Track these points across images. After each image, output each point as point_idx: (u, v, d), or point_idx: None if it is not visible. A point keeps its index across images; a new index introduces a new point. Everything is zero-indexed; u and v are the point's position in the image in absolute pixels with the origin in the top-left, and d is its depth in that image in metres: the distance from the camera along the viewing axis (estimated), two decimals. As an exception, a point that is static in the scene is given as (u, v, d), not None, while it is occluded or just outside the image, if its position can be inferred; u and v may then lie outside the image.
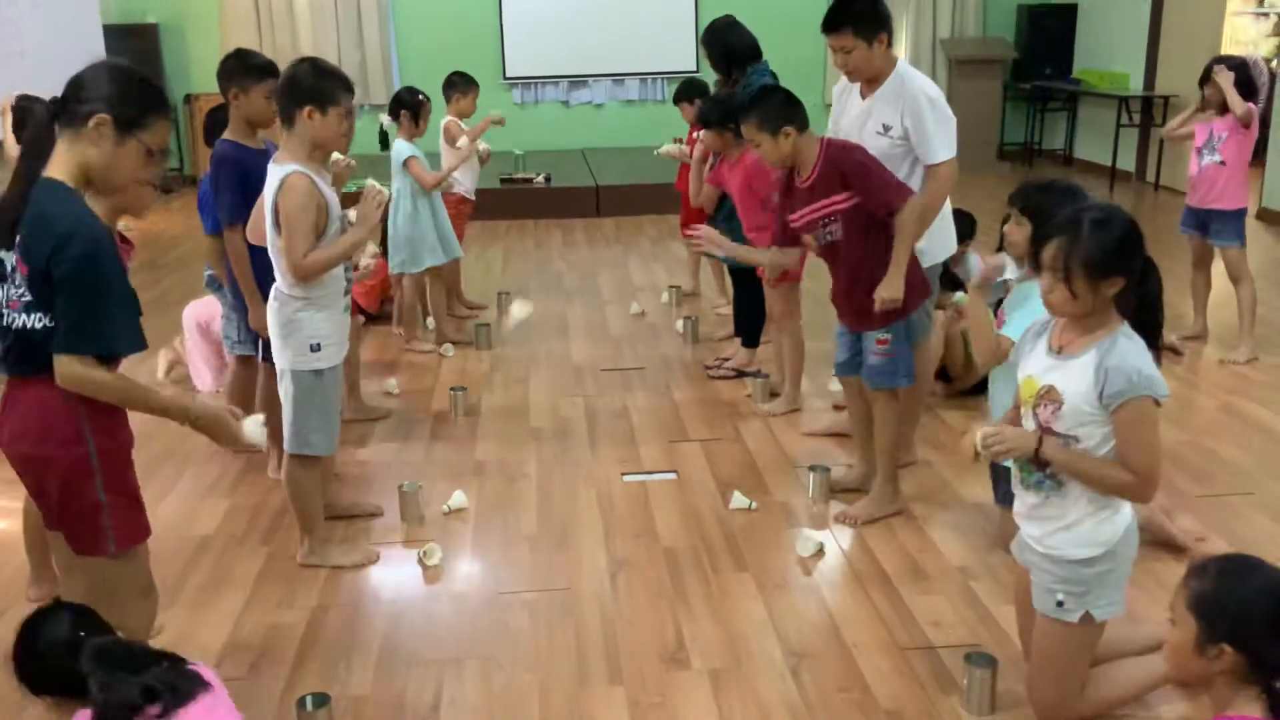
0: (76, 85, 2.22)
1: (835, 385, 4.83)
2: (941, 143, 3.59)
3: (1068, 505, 2.42)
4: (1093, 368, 2.31)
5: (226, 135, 3.76)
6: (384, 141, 5.49)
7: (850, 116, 3.79)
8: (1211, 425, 4.54)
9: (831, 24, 3.59)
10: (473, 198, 6.13)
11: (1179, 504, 3.76)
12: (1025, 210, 3.06)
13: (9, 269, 2.29)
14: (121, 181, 2.26)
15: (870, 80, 3.68)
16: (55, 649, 2.06)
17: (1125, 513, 2.44)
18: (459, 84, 5.96)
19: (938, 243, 3.85)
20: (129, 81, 2.24)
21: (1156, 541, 3.42)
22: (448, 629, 3.12)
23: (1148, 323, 2.41)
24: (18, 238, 2.23)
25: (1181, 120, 5.55)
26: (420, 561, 3.46)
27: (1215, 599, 1.92)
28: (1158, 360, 2.40)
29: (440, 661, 2.95)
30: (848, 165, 3.42)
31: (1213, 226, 5.29)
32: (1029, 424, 2.45)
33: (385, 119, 5.49)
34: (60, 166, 2.21)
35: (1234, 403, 4.78)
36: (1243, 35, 10.10)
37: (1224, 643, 1.89)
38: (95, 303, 2.17)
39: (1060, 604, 2.47)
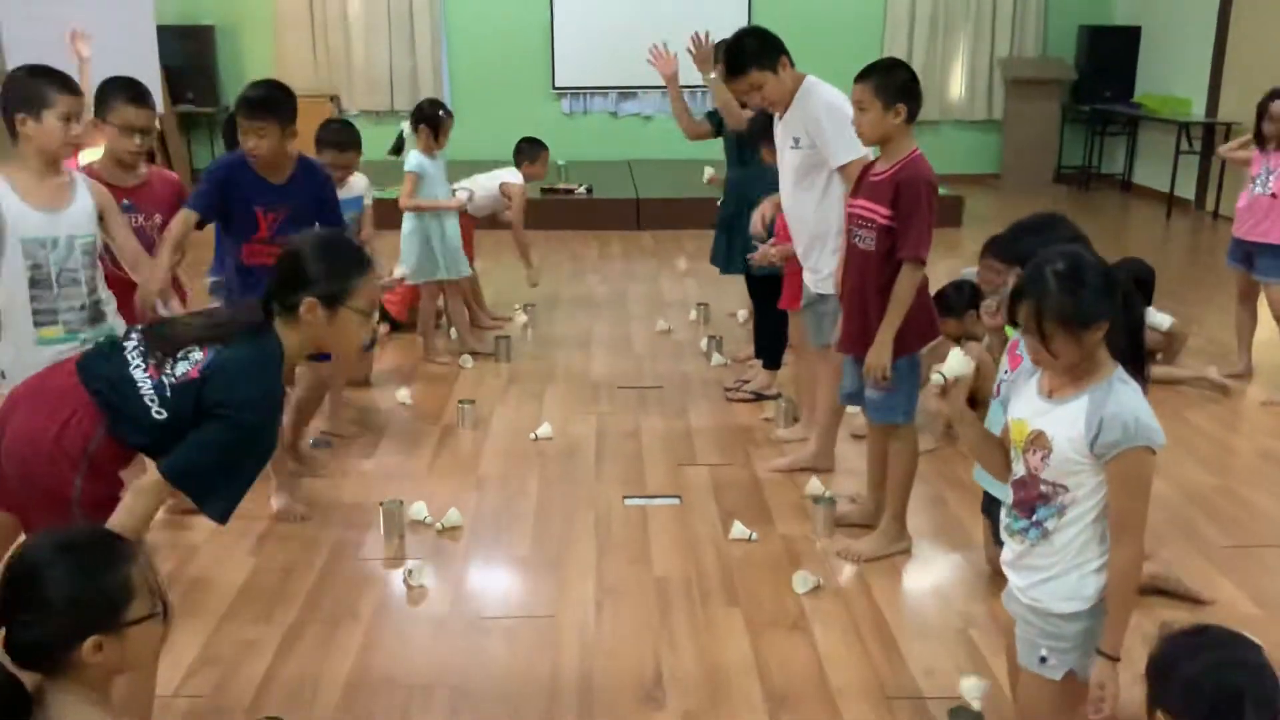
0: (287, 270, 2.33)
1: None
2: (841, 145, 3.64)
3: (1054, 556, 2.27)
4: (1084, 414, 2.16)
5: None
6: (397, 148, 5.44)
7: (778, 143, 3.95)
8: (1248, 471, 4.33)
9: (736, 70, 3.78)
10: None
11: (1201, 554, 3.58)
12: (1013, 261, 2.93)
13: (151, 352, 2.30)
14: (347, 351, 2.50)
15: (783, 104, 3.83)
16: None
17: None
18: (526, 151, 6.00)
19: None
20: (332, 255, 2.36)
21: (1171, 595, 3.25)
22: (422, 654, 3.04)
23: (1134, 348, 2.26)
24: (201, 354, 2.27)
25: (1240, 144, 5.36)
26: (405, 581, 3.38)
27: (1162, 667, 1.87)
28: (1144, 386, 2.25)
29: (410, 688, 2.86)
30: (908, 188, 3.27)
31: (1259, 261, 5.07)
32: (1019, 469, 2.31)
33: (406, 126, 5.44)
34: (284, 337, 2.34)
35: (1275, 448, 4.56)
36: (1312, 62, 9.76)
37: (1159, 710, 1.84)
38: (230, 465, 2.26)
39: (1044, 659, 2.32)
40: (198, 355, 2.26)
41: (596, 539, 3.69)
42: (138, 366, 2.27)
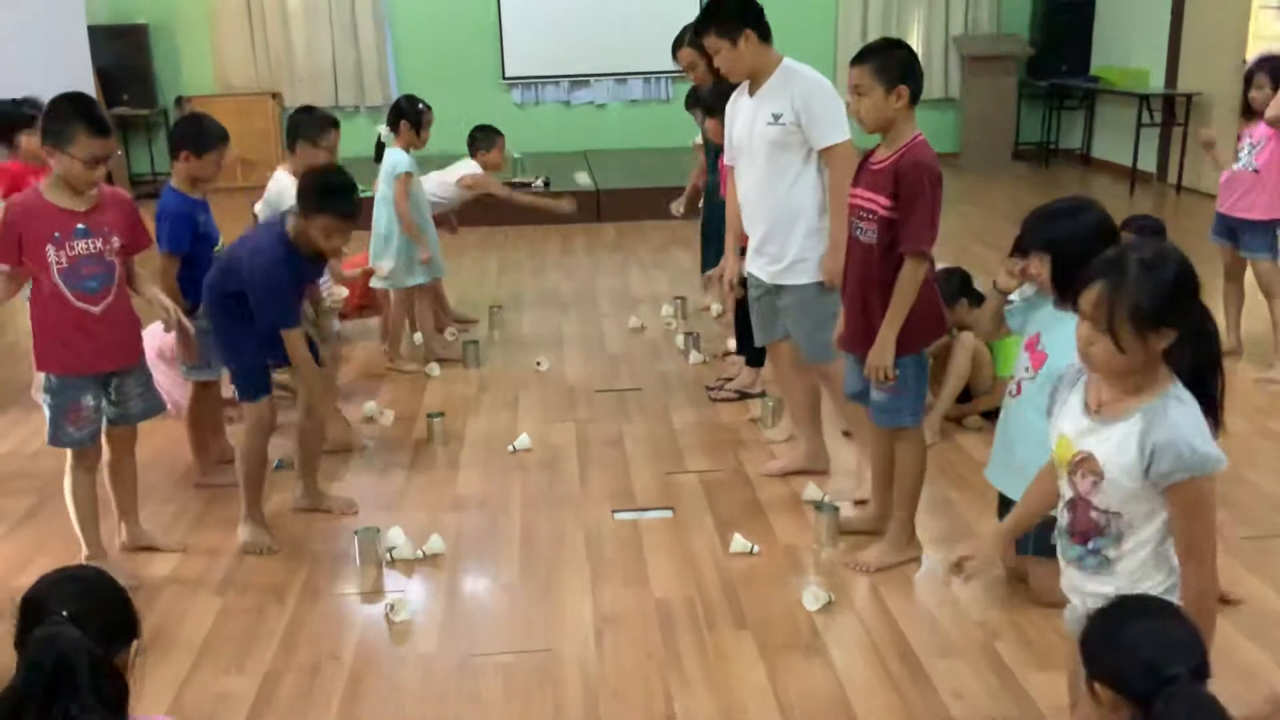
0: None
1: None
2: (830, 126, 3.54)
3: (1117, 581, 2.08)
4: (1136, 437, 1.95)
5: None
6: (378, 153, 5.18)
7: (742, 118, 3.75)
8: (1249, 453, 4.19)
9: (698, 31, 3.77)
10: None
11: (1220, 546, 3.42)
12: (1042, 247, 2.74)
13: None
14: None
15: (754, 77, 3.69)
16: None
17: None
18: (481, 139, 5.76)
19: None
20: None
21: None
22: (412, 699, 2.80)
23: (1205, 394, 2.05)
24: None
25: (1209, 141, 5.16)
26: (387, 617, 3.14)
27: (1095, 643, 1.79)
28: (1216, 428, 2.04)
29: (402, 739, 2.64)
30: (909, 176, 3.05)
31: (1243, 237, 4.97)
32: (1065, 490, 2.12)
33: (383, 129, 5.17)
34: None
35: (1272, 426, 4.44)
36: (1268, 30, 9.71)
37: (1098, 683, 1.75)
38: None
39: None
40: None
41: (589, 560, 3.47)
42: None
